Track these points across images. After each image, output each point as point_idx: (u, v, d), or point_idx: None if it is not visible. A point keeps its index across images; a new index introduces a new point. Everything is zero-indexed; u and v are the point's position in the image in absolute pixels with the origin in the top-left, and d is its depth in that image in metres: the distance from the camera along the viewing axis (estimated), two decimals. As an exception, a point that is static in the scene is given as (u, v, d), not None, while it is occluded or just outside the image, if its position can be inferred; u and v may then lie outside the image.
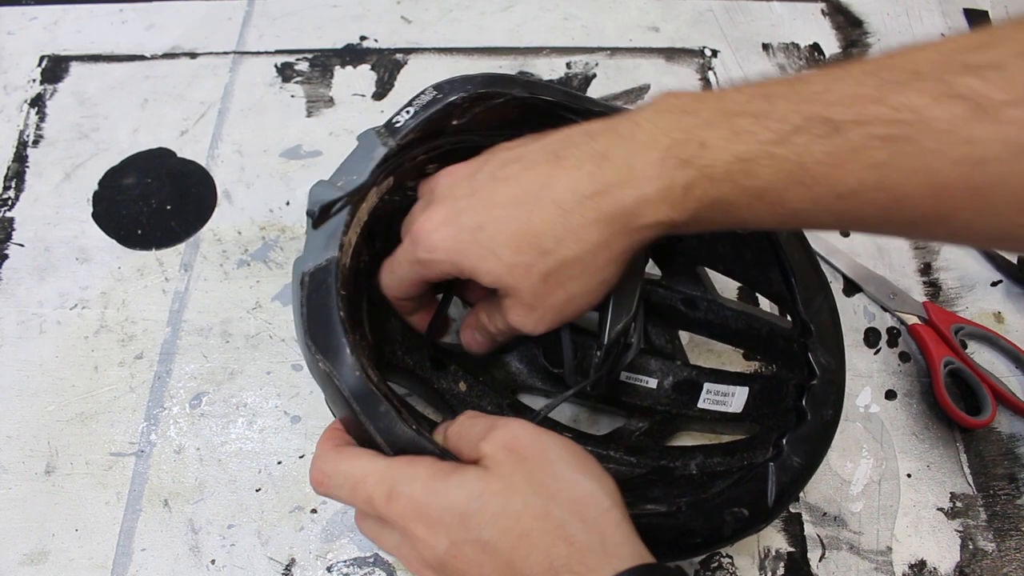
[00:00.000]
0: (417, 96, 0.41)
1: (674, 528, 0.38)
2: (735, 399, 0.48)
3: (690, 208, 0.32)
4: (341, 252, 0.37)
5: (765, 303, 0.55)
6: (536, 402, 0.52)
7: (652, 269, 0.52)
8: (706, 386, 0.49)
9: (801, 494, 0.49)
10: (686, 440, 0.51)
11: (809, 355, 0.42)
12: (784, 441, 0.40)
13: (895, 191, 0.30)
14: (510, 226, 0.34)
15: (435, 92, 0.42)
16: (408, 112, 0.41)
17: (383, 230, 0.45)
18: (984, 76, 0.28)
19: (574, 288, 0.35)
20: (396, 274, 0.39)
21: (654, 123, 0.33)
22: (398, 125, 0.40)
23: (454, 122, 0.43)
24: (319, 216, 0.38)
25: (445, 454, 0.35)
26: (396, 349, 0.47)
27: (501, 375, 0.52)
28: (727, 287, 0.54)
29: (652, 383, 0.50)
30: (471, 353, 0.45)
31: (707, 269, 0.50)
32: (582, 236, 0.33)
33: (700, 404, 0.48)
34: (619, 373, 0.48)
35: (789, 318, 0.46)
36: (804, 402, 0.41)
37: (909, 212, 0.31)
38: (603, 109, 0.44)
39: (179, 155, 0.62)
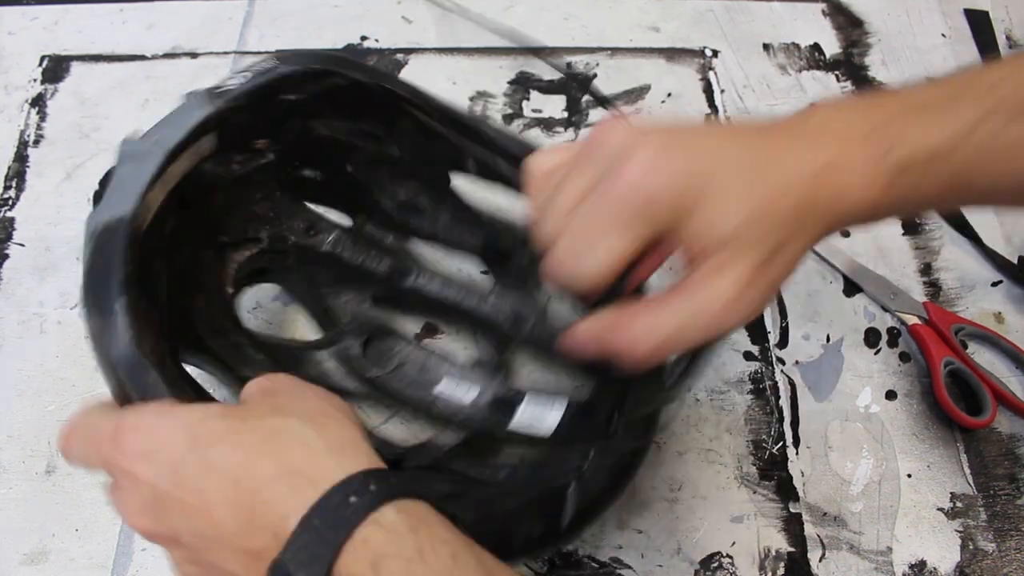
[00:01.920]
0: (256, 64, 0.40)
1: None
2: (549, 419, 0.45)
3: (890, 196, 0.32)
4: (140, 209, 0.35)
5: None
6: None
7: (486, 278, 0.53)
8: (522, 405, 0.47)
9: (801, 494, 0.50)
10: (501, 457, 0.49)
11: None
12: (588, 462, 0.39)
13: None
14: (747, 178, 0.30)
15: (274, 62, 0.40)
16: (244, 77, 0.40)
17: (199, 200, 0.42)
18: None
19: (788, 268, 0.32)
20: (600, 245, 0.31)
21: (847, 115, 0.32)
22: (226, 88, 0.39)
23: (290, 97, 0.41)
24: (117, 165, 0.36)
25: None
26: (199, 329, 0.45)
27: (314, 372, 0.49)
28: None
29: (469, 397, 0.48)
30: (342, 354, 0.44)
31: (541, 285, 0.50)
32: (807, 214, 0.31)
33: (513, 424, 0.46)
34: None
35: None
36: (615, 424, 0.40)
37: None
38: (445, 108, 0.43)
39: (179, 155, 0.62)
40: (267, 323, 0.55)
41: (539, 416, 0.46)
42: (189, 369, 0.41)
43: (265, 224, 0.48)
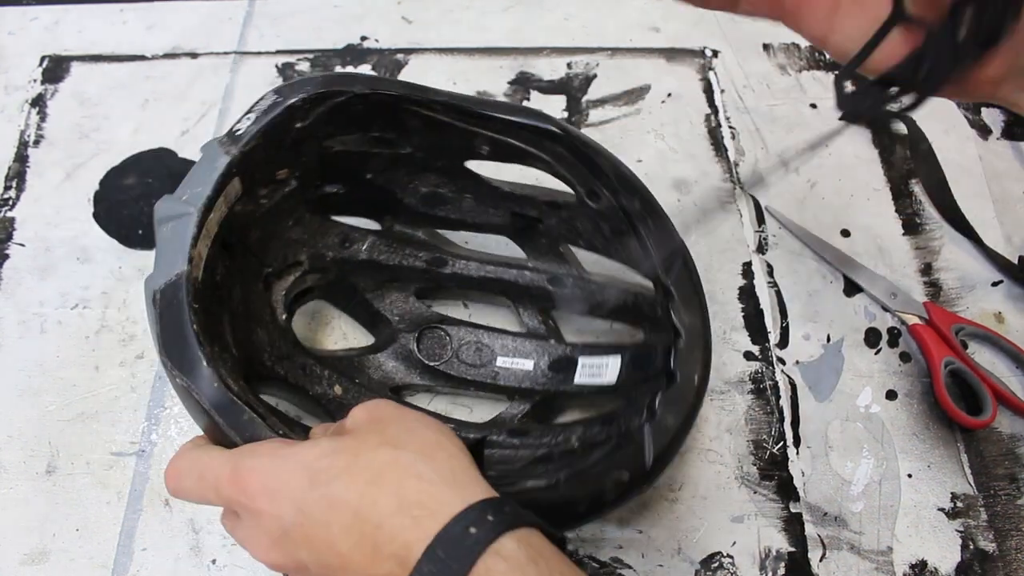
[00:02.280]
0: (258, 102, 0.42)
1: (556, 501, 0.38)
2: (609, 370, 0.48)
3: None
4: (191, 266, 0.37)
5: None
6: (416, 398, 0.53)
7: (517, 252, 0.54)
8: (581, 360, 0.50)
9: (801, 494, 0.50)
10: (570, 416, 0.51)
11: (672, 317, 0.42)
12: (657, 403, 0.40)
13: None
14: None
15: (275, 96, 0.42)
16: (249, 119, 0.41)
17: (238, 241, 0.45)
18: None
19: None
20: None
21: None
22: (239, 133, 0.41)
23: (297, 125, 0.43)
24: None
25: None
26: (265, 359, 0.47)
27: (377, 375, 0.51)
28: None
29: (528, 364, 0.51)
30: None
31: (570, 247, 0.52)
32: None
33: (577, 380, 0.49)
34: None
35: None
36: (672, 364, 0.42)
37: None
38: (446, 99, 0.44)
39: (180, 155, 0.62)
40: (314, 336, 0.55)
41: (599, 367, 0.48)
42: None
43: (302, 247, 0.50)
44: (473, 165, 0.49)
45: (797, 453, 0.51)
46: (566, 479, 0.39)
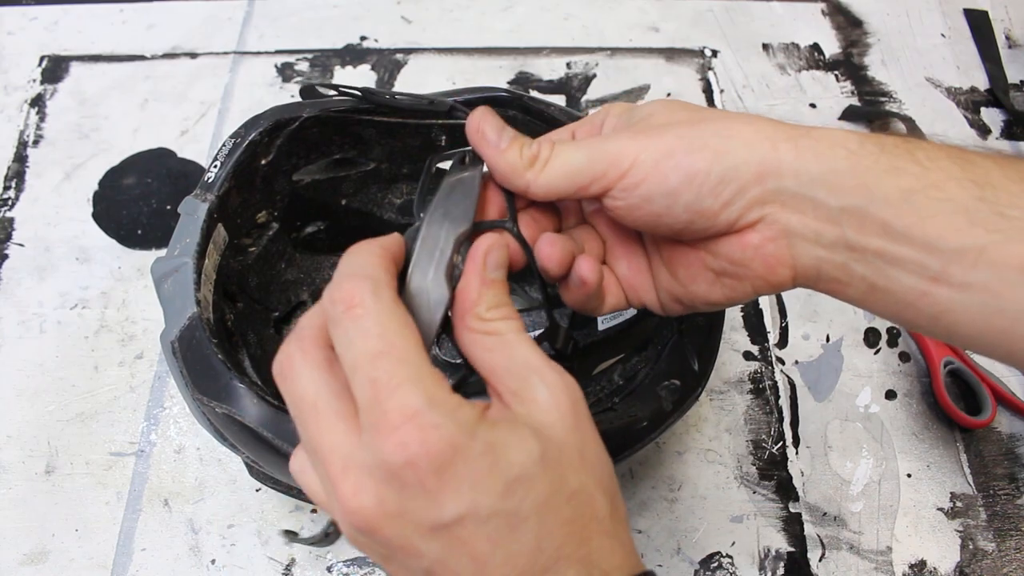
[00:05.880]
0: (220, 148, 0.43)
1: (615, 423, 0.38)
2: (627, 311, 0.48)
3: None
4: (200, 307, 0.38)
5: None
6: None
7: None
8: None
9: (801, 494, 0.50)
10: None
11: None
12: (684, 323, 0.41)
13: None
14: None
15: (234, 139, 0.43)
16: (216, 166, 0.43)
17: (239, 289, 0.46)
18: None
19: None
20: None
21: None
22: (210, 180, 0.42)
23: (262, 161, 0.44)
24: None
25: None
26: None
27: None
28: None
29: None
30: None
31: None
32: None
33: (601, 326, 0.49)
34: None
35: None
36: None
37: None
38: (394, 99, 0.45)
39: (179, 155, 0.62)
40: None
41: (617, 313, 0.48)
42: None
43: (301, 286, 0.51)
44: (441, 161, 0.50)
45: (796, 453, 0.51)
46: (621, 400, 0.39)
